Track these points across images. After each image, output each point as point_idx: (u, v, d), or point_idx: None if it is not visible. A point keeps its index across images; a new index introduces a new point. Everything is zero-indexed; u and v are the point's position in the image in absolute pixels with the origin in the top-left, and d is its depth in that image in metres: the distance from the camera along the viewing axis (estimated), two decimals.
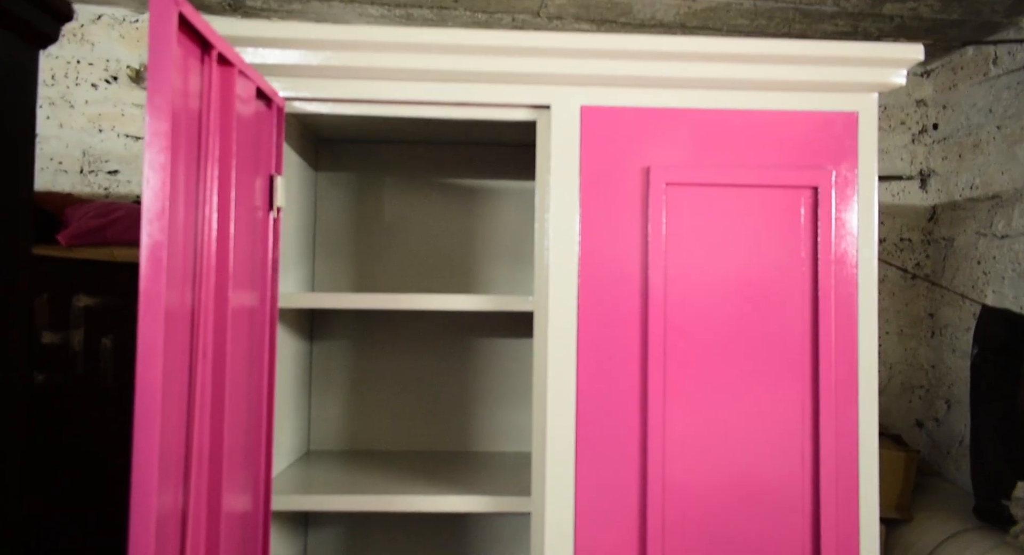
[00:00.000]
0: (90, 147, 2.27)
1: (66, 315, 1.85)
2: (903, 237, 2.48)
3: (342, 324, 1.62)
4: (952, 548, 1.81)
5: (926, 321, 2.47)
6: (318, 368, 1.62)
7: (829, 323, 1.21)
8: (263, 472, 1.23)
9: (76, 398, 1.83)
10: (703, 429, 1.20)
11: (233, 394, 1.12)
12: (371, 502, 1.25)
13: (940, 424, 2.38)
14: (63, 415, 1.83)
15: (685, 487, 1.19)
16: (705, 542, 1.18)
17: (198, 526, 1.02)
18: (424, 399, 1.62)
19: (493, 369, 1.63)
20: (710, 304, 1.21)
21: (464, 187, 1.65)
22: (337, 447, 1.62)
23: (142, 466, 0.86)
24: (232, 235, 1.07)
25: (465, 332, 1.63)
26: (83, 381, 1.84)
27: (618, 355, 1.20)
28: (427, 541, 1.60)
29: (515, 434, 1.62)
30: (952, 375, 2.32)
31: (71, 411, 1.83)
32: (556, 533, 1.18)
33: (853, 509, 1.21)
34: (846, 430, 1.21)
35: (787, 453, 1.21)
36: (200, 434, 1.03)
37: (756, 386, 1.21)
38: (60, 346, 1.84)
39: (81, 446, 1.83)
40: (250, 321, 1.18)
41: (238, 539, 1.15)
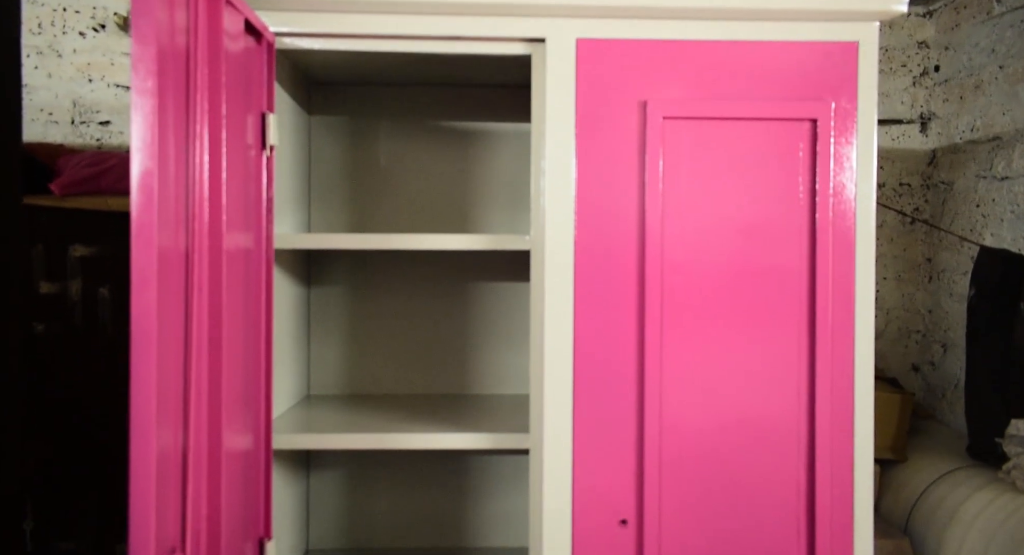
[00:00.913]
0: (80, 97, 2.24)
1: (63, 265, 1.84)
2: (902, 182, 2.46)
3: (340, 269, 1.62)
4: (945, 486, 1.84)
5: (924, 266, 2.47)
6: (316, 313, 1.62)
7: (827, 261, 1.21)
8: (263, 412, 1.24)
9: (76, 348, 1.84)
10: (700, 369, 1.20)
11: (230, 334, 1.12)
12: (371, 440, 1.26)
13: (936, 368, 2.40)
14: (64, 365, 1.84)
15: (682, 426, 1.20)
16: (701, 479, 1.20)
17: (199, 464, 1.03)
18: (423, 343, 1.63)
19: (491, 312, 1.63)
20: (707, 243, 1.20)
21: (460, 130, 1.63)
22: (337, 391, 1.63)
23: (140, 403, 0.86)
24: (224, 173, 1.06)
25: (463, 276, 1.63)
26: (82, 331, 1.84)
27: (615, 295, 1.20)
28: (428, 483, 1.62)
29: (514, 376, 1.64)
30: (949, 319, 2.33)
31: (72, 361, 1.84)
32: (554, 469, 1.19)
33: (848, 449, 1.22)
34: (842, 371, 1.22)
35: (784, 394, 1.22)
36: (198, 373, 1.03)
37: (753, 326, 1.21)
38: (58, 296, 1.84)
39: (82, 395, 1.85)
40: (245, 261, 1.18)
41: (240, 478, 1.17)
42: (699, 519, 1.19)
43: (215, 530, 1.00)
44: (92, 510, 1.86)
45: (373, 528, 1.62)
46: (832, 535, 1.21)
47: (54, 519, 1.85)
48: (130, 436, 0.86)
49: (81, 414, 1.85)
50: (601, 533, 1.18)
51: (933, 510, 1.80)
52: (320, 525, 1.62)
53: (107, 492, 1.86)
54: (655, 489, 1.17)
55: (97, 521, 1.86)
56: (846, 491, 1.22)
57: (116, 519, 1.86)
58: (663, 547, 1.18)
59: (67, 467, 1.85)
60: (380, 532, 1.62)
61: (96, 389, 1.84)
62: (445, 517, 1.62)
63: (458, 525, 1.63)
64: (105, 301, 1.86)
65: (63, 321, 1.84)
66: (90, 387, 1.84)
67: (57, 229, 1.83)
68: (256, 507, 1.18)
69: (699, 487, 1.20)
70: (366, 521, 1.62)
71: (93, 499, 1.86)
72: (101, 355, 1.84)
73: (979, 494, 1.72)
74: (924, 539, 1.78)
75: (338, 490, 1.62)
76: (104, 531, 1.87)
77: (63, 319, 1.84)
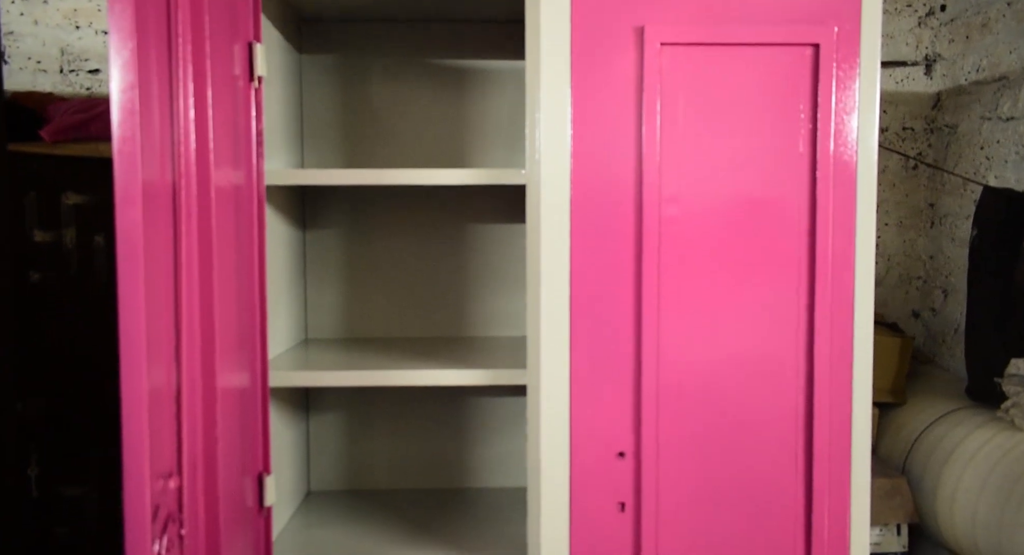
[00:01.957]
0: (68, 45, 2.20)
1: (56, 213, 1.82)
2: (905, 126, 2.42)
3: (335, 210, 1.60)
4: (944, 426, 1.84)
5: (926, 211, 2.44)
6: (312, 256, 1.61)
7: (827, 195, 1.18)
8: (259, 350, 1.23)
9: (72, 297, 1.83)
10: (698, 307, 1.19)
11: (222, 269, 1.11)
12: (369, 377, 1.26)
13: (936, 314, 2.39)
14: (60, 314, 1.83)
15: (680, 361, 1.19)
16: (699, 414, 1.20)
17: (193, 402, 1.02)
18: (420, 286, 1.62)
19: (488, 255, 1.62)
20: (706, 178, 1.18)
21: (454, 68, 1.60)
22: (334, 335, 1.62)
23: (130, 340, 0.85)
24: (211, 104, 1.04)
25: (459, 217, 1.61)
26: (77, 280, 1.83)
27: (613, 230, 1.18)
28: (427, 426, 1.63)
29: (511, 319, 1.63)
30: (950, 264, 2.32)
31: (68, 310, 1.84)
32: (552, 404, 1.19)
33: (846, 392, 1.21)
34: (842, 311, 1.21)
35: (782, 334, 1.20)
36: (189, 309, 1.02)
37: (752, 264, 1.20)
38: (52, 245, 1.83)
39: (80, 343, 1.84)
40: (236, 197, 1.16)
41: (237, 414, 1.17)
42: (697, 453, 1.19)
43: (211, 461, 1.00)
44: (97, 457, 1.88)
45: (373, 470, 1.63)
46: (830, 471, 1.21)
47: (60, 466, 1.86)
48: (120, 373, 0.85)
49: (79, 362, 1.85)
50: (599, 467, 1.18)
51: (931, 450, 1.81)
52: (321, 467, 1.63)
53: (111, 439, 1.87)
54: (652, 423, 1.17)
55: (102, 467, 1.88)
56: (844, 429, 1.22)
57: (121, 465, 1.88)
58: (660, 480, 1.18)
59: (70, 415, 1.86)
60: (380, 474, 1.63)
61: (93, 337, 1.84)
62: (444, 459, 1.63)
63: (457, 467, 1.64)
64: (100, 249, 1.84)
65: (58, 270, 1.83)
66: (87, 335, 1.84)
67: (49, 177, 1.81)
68: (254, 444, 1.18)
69: (697, 422, 1.20)
70: (366, 463, 1.63)
71: (97, 446, 1.87)
72: (97, 303, 1.83)
73: (977, 432, 1.73)
74: (921, 478, 1.79)
75: (338, 433, 1.63)
76: (109, 477, 1.88)
77: (58, 268, 1.83)
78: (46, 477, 1.85)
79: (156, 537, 0.78)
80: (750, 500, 1.20)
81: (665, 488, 1.18)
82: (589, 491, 1.18)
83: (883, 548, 1.80)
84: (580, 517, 1.18)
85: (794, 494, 1.21)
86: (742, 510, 1.20)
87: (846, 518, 1.21)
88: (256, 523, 1.16)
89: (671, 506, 1.18)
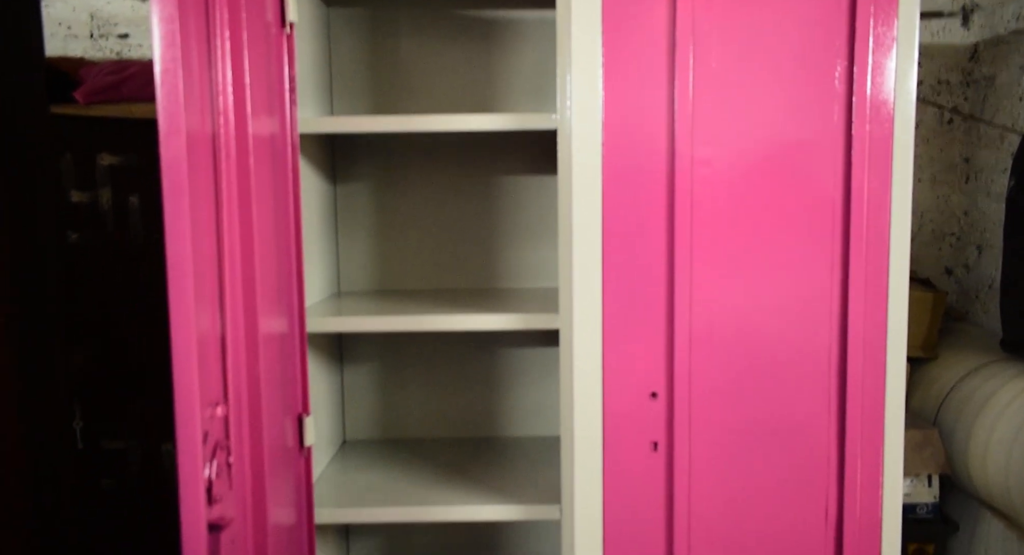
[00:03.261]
0: (97, 10, 2.22)
1: (92, 174, 1.86)
2: (941, 79, 2.37)
3: (364, 163, 1.61)
4: (977, 379, 1.83)
5: (960, 167, 2.40)
6: (343, 211, 1.62)
7: (863, 144, 1.17)
8: (296, 298, 1.25)
9: (110, 257, 1.87)
10: (732, 255, 1.19)
11: (260, 217, 1.13)
12: (402, 322, 1.28)
13: (970, 270, 2.36)
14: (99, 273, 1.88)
15: (713, 304, 1.19)
16: (731, 361, 1.20)
17: (237, 346, 1.05)
18: (450, 239, 1.63)
19: (519, 207, 1.62)
20: (740, 126, 1.17)
21: (481, 19, 1.59)
22: (366, 287, 1.65)
23: (178, 286, 0.87)
24: (246, 50, 1.05)
25: (489, 169, 1.62)
26: (115, 240, 1.87)
27: (645, 176, 1.18)
28: (460, 373, 1.65)
29: (543, 271, 1.64)
30: (985, 220, 2.28)
31: (106, 269, 1.88)
32: (584, 348, 1.20)
33: (880, 348, 1.21)
34: (876, 262, 1.19)
35: (817, 283, 1.20)
36: (231, 256, 1.04)
37: (787, 213, 1.19)
38: (89, 205, 1.86)
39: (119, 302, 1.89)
40: (271, 146, 1.18)
41: (277, 359, 1.19)
42: (730, 395, 1.20)
43: (255, 399, 1.03)
44: (138, 412, 1.93)
45: (407, 419, 1.66)
46: (863, 416, 1.21)
47: (102, 420, 1.92)
48: (171, 320, 0.87)
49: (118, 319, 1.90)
50: (631, 408, 1.20)
51: (964, 402, 1.80)
52: (355, 417, 1.66)
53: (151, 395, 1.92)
54: (685, 363, 1.18)
55: (143, 422, 1.93)
56: (878, 374, 1.21)
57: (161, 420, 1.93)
58: (693, 420, 1.19)
59: (111, 371, 1.91)
60: (413, 423, 1.66)
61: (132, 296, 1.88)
62: (477, 408, 1.66)
63: (490, 416, 1.66)
64: (135, 210, 1.88)
65: (96, 230, 1.87)
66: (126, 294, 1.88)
67: (84, 138, 1.84)
68: (294, 386, 1.21)
69: (730, 364, 1.20)
70: (400, 413, 1.66)
71: (138, 402, 1.93)
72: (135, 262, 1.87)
73: (1011, 384, 1.71)
74: (953, 430, 1.79)
75: (371, 383, 1.66)
76: (150, 432, 1.94)
77: (96, 228, 1.87)
78: (90, 430, 1.91)
79: (206, 460, 0.81)
80: (782, 443, 1.21)
81: (697, 428, 1.19)
82: (622, 432, 1.20)
83: (914, 499, 1.80)
84: (613, 458, 1.20)
85: (827, 439, 1.22)
86: (774, 452, 1.21)
87: (879, 464, 1.21)
88: (297, 462, 1.19)
89: (703, 446, 1.19)
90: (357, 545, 1.70)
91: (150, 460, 1.95)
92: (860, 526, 1.20)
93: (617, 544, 1.21)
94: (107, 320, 1.90)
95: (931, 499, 1.81)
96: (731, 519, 1.21)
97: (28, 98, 1.57)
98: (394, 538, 1.69)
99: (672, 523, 1.20)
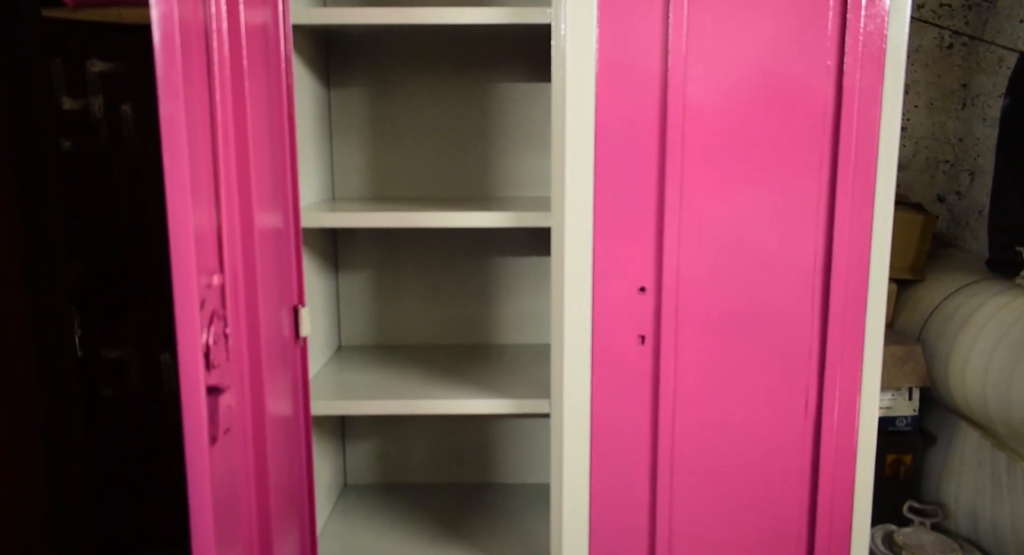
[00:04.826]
0: None
1: (83, 81, 1.84)
2: (942, 3, 2.34)
3: (357, 65, 1.60)
4: (961, 297, 1.86)
5: (958, 92, 2.39)
6: (337, 115, 1.62)
7: (855, 71, 1.16)
8: (291, 195, 1.26)
9: (105, 166, 1.87)
10: (722, 165, 1.20)
11: (254, 110, 1.13)
12: (395, 219, 1.30)
13: (961, 197, 2.37)
14: (94, 182, 1.87)
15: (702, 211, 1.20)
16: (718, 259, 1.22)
17: (233, 239, 1.06)
18: (445, 147, 1.63)
19: (514, 114, 1.62)
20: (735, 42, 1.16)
21: None
22: (361, 194, 1.66)
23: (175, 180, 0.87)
24: None
25: (484, 75, 1.61)
26: (109, 149, 1.87)
27: (639, 78, 1.18)
28: (454, 284, 1.68)
29: (537, 180, 1.64)
30: (979, 146, 2.28)
31: (101, 179, 1.87)
32: (576, 243, 1.21)
33: (864, 267, 1.22)
34: (862, 193, 1.20)
35: (806, 196, 1.21)
36: (226, 151, 1.04)
37: (776, 135, 1.19)
38: (81, 112, 1.85)
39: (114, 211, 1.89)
40: (264, 38, 1.17)
41: (272, 251, 1.21)
42: (716, 290, 1.23)
43: (251, 278, 1.05)
44: (136, 322, 1.96)
45: (401, 326, 1.69)
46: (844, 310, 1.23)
47: (101, 330, 1.94)
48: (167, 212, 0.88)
49: (113, 228, 1.90)
50: (620, 303, 1.22)
51: (947, 319, 1.84)
52: (351, 324, 1.69)
53: (148, 305, 1.95)
54: (674, 259, 1.20)
55: (141, 332, 1.96)
56: (859, 309, 1.23)
57: (159, 330, 1.96)
58: (680, 313, 1.22)
59: (108, 282, 1.93)
60: (408, 330, 1.69)
61: (128, 205, 1.89)
62: (471, 316, 1.69)
63: (484, 324, 1.69)
64: (128, 119, 1.87)
65: (89, 139, 1.86)
66: (122, 203, 1.89)
67: (73, 43, 1.82)
68: (289, 279, 1.23)
69: (717, 262, 1.22)
70: (395, 320, 1.69)
71: (136, 312, 1.95)
72: (130, 172, 1.87)
73: (994, 300, 1.74)
74: (936, 346, 1.83)
75: (367, 290, 1.68)
76: (148, 341, 1.97)
77: (89, 137, 1.86)
78: (89, 340, 1.94)
79: (204, 326, 0.83)
80: (766, 335, 1.24)
81: (684, 321, 1.22)
82: (611, 326, 1.23)
83: (895, 412, 1.86)
84: (602, 351, 1.23)
85: (810, 334, 1.25)
86: (758, 344, 1.24)
87: (859, 358, 1.24)
88: (293, 352, 1.22)
89: (689, 339, 1.22)
90: (353, 450, 1.75)
91: (149, 371, 1.99)
92: (839, 416, 1.25)
93: (604, 434, 1.26)
94: (104, 230, 1.91)
95: (911, 412, 1.86)
96: (715, 408, 1.25)
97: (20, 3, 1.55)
98: (388, 437, 1.74)
99: (657, 413, 1.24)
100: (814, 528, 1.30)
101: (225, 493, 0.97)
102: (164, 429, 1.98)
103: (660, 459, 1.25)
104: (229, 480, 0.98)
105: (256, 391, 1.05)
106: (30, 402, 1.64)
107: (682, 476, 1.27)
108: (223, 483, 0.95)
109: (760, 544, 1.31)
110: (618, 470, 1.26)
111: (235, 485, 1.02)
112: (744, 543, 1.31)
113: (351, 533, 1.52)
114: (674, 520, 1.28)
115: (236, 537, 1.04)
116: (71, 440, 1.82)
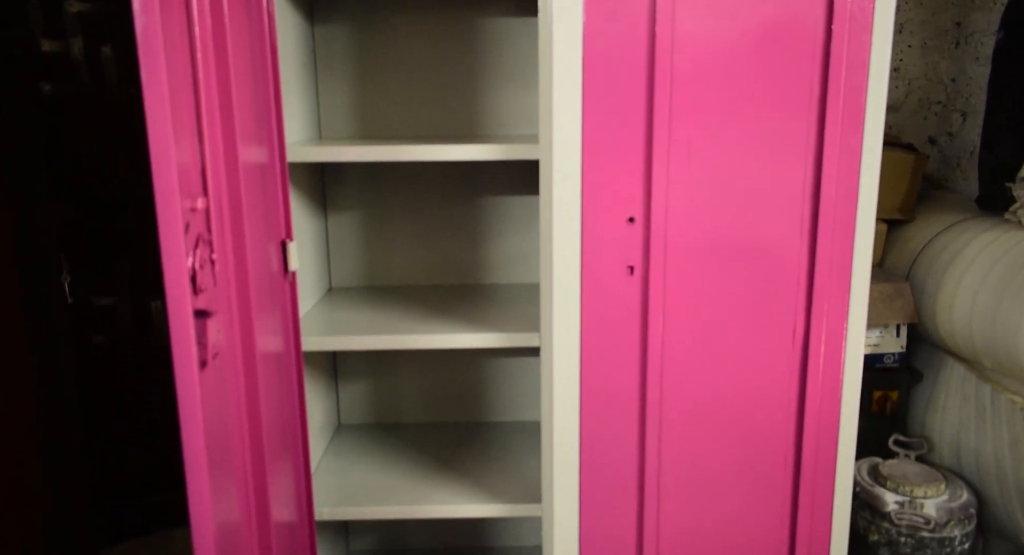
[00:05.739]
0: None
1: (61, 22, 1.80)
2: None
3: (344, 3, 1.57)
4: (950, 235, 1.87)
5: (951, 31, 2.36)
6: (322, 53, 1.59)
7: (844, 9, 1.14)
8: (275, 130, 1.24)
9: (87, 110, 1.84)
10: (710, 107, 1.18)
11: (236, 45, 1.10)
12: (383, 153, 1.29)
13: (953, 138, 2.36)
14: (76, 124, 1.85)
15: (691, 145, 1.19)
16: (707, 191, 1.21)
17: (217, 168, 1.05)
18: (432, 85, 1.61)
19: (501, 52, 1.60)
20: None
21: None
22: (347, 134, 1.64)
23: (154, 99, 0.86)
24: None
25: (470, 6, 1.58)
26: (89, 91, 1.83)
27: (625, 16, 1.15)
28: (442, 225, 1.67)
29: (526, 117, 1.63)
30: (972, 85, 2.26)
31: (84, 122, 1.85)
32: (564, 171, 1.20)
33: (852, 197, 1.22)
34: (851, 122, 1.19)
35: (794, 132, 1.20)
36: (207, 85, 1.02)
37: (766, 67, 1.17)
38: (61, 54, 1.81)
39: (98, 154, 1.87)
40: None
41: (258, 186, 1.20)
42: (705, 219, 1.22)
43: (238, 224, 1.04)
44: (126, 269, 1.95)
45: (391, 268, 1.69)
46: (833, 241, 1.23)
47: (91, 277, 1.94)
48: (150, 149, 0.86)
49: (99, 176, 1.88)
50: (609, 234, 1.22)
51: (936, 256, 1.85)
52: (340, 267, 1.69)
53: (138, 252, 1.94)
54: (663, 189, 1.20)
55: (131, 278, 1.95)
56: (847, 250, 1.23)
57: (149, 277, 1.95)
58: (668, 243, 1.22)
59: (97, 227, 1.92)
60: (398, 271, 1.69)
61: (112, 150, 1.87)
62: (461, 257, 1.69)
63: (473, 264, 1.69)
64: (108, 60, 1.83)
65: (69, 81, 1.82)
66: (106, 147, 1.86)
67: None
68: (276, 214, 1.22)
69: (706, 194, 1.22)
70: (384, 262, 1.68)
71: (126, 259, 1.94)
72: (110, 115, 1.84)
73: (982, 236, 1.75)
74: (924, 282, 1.84)
75: (356, 232, 1.67)
76: (138, 288, 1.96)
77: (69, 79, 1.82)
78: (78, 286, 1.93)
79: (189, 249, 0.83)
80: (754, 263, 1.24)
81: (673, 250, 1.22)
82: (600, 257, 1.23)
83: (882, 349, 1.88)
84: (591, 283, 1.24)
85: (798, 262, 1.25)
86: (746, 271, 1.24)
87: (846, 286, 1.25)
88: (282, 285, 1.22)
89: (678, 268, 1.23)
90: (346, 391, 1.77)
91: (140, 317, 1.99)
92: (826, 346, 1.26)
93: (594, 366, 1.27)
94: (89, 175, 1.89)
95: (898, 349, 1.89)
96: (703, 338, 1.26)
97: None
98: (381, 378, 1.75)
99: (646, 343, 1.25)
100: (800, 457, 1.32)
101: (217, 424, 0.97)
102: (156, 378, 1.99)
103: (649, 389, 1.26)
104: (220, 410, 0.99)
105: (245, 321, 1.05)
106: (22, 348, 1.64)
107: (671, 406, 1.28)
108: (214, 411, 0.95)
109: (747, 473, 1.33)
110: (608, 401, 1.28)
111: (227, 418, 1.03)
112: (731, 472, 1.33)
113: (345, 469, 1.55)
114: (663, 450, 1.30)
115: (230, 469, 1.05)
116: (63, 388, 1.83)
